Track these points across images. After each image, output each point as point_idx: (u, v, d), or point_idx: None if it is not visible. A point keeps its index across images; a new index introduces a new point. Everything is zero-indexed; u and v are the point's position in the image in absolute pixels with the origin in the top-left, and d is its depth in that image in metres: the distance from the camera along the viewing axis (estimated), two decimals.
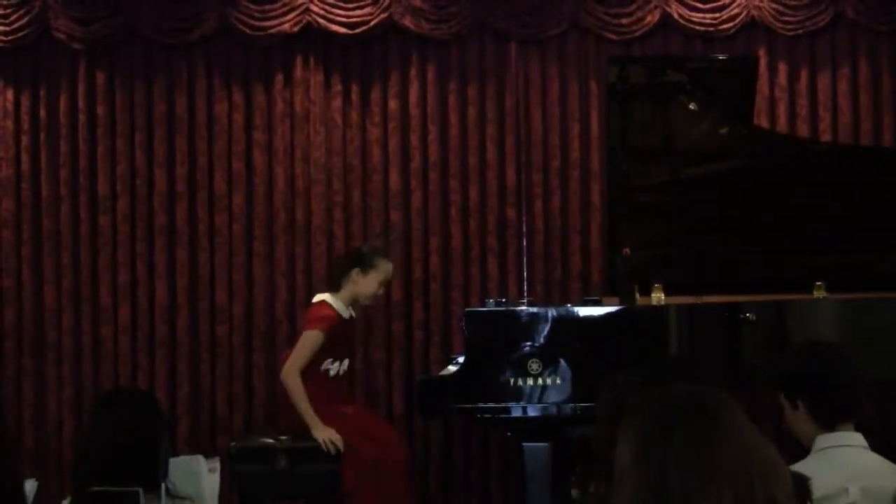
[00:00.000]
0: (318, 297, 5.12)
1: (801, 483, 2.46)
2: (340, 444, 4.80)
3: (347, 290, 5.04)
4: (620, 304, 4.90)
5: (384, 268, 5.07)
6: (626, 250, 5.04)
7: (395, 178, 5.93)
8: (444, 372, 5.25)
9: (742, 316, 4.83)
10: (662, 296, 4.95)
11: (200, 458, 3.09)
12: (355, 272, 5.01)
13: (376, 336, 5.89)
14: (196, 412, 5.92)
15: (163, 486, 2.73)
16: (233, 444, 5.10)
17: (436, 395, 4.82)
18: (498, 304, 5.01)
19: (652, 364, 4.63)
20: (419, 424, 5.85)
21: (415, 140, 5.92)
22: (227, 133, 5.95)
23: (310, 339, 4.92)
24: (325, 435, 4.80)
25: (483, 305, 5.12)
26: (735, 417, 1.79)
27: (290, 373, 4.87)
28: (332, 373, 4.97)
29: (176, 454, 4.23)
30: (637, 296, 4.96)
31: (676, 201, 5.41)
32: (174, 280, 5.95)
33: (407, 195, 5.95)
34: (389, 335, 5.91)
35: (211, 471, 3.07)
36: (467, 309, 5.12)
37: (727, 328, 4.92)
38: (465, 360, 4.80)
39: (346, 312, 5.04)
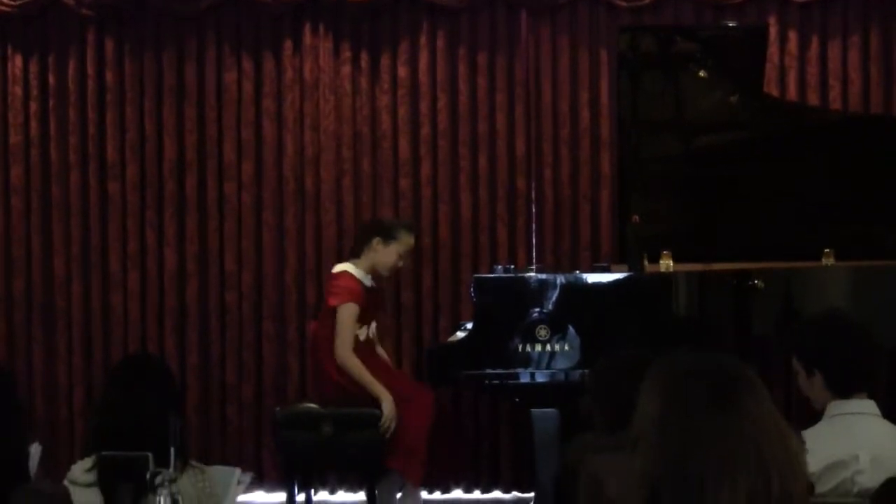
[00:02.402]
0: (338, 267, 5.10)
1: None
2: (395, 418, 4.82)
3: (367, 259, 5.03)
4: (629, 272, 4.90)
5: (406, 240, 5.06)
6: (636, 217, 5.04)
7: (404, 146, 5.92)
8: (452, 338, 5.25)
9: (750, 283, 4.83)
10: (671, 263, 4.95)
11: (237, 471, 3.13)
12: (376, 241, 5.01)
13: (385, 306, 5.84)
14: (205, 381, 5.93)
15: (172, 451, 2.72)
16: (278, 408, 5.11)
17: (444, 362, 4.83)
18: (507, 270, 5.00)
19: (658, 332, 4.65)
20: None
21: (424, 108, 5.90)
22: (236, 102, 5.94)
23: (347, 314, 4.91)
24: (390, 408, 4.78)
25: (492, 272, 5.09)
26: (761, 407, 1.77)
27: (344, 353, 4.86)
28: (361, 337, 4.97)
29: (186, 423, 4.24)
30: (646, 263, 4.96)
31: (687, 171, 5.41)
32: (183, 248, 5.95)
33: (416, 163, 5.93)
34: (399, 305, 5.90)
35: (240, 482, 3.12)
36: (476, 275, 5.12)
37: (736, 296, 4.92)
38: (473, 327, 4.83)
39: (367, 280, 5.03)
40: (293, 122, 5.92)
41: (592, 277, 4.85)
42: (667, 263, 4.96)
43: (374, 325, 5.08)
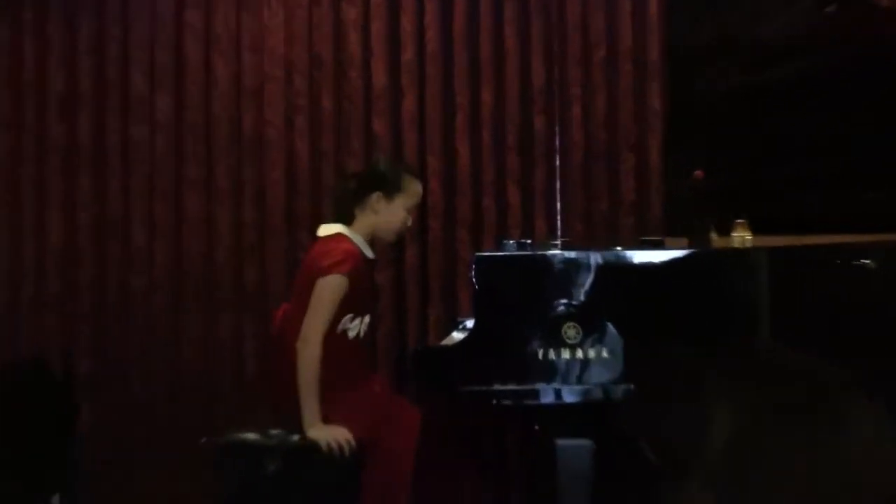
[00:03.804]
0: (328, 229, 4.96)
1: None
2: (349, 445, 4.65)
3: (365, 222, 4.90)
4: (690, 247, 4.86)
5: (414, 189, 4.96)
6: (699, 172, 4.98)
7: (379, 74, 5.86)
8: (447, 341, 5.17)
9: (859, 263, 4.71)
10: (749, 235, 4.91)
11: None
12: (376, 197, 4.87)
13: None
14: (106, 395, 5.88)
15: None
16: (204, 438, 5.02)
17: (436, 371, 4.68)
18: (521, 246, 4.88)
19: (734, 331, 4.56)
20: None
21: (407, 24, 5.84)
22: (147, 13, 5.90)
23: (331, 287, 4.71)
24: (325, 435, 4.63)
25: (500, 249, 4.97)
26: (871, 428, 1.80)
27: (310, 338, 4.68)
28: (351, 333, 4.82)
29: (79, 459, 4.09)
30: (713, 235, 4.92)
31: (763, 109, 5.33)
32: (73, 215, 5.90)
33: (395, 98, 5.86)
34: (372, 289, 5.75)
35: None
36: (478, 253, 4.89)
37: (838, 280, 4.75)
38: (475, 325, 4.67)
39: (367, 250, 4.92)
40: (227, 41, 5.88)
41: (639, 256, 4.69)
42: (743, 236, 4.89)
43: (368, 318, 4.92)
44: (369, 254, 4.94)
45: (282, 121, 5.90)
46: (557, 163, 5.85)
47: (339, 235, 4.90)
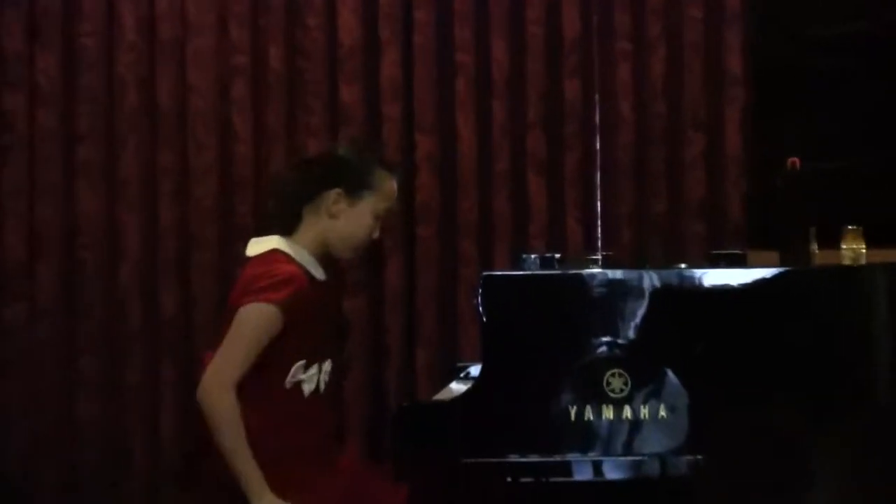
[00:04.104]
0: (260, 244, 4.74)
1: None
2: None
3: (316, 229, 4.72)
4: (782, 265, 4.87)
5: (387, 188, 4.75)
6: (794, 160, 5.08)
7: (348, 22, 5.99)
8: (443, 394, 5.19)
9: None
10: (863, 247, 4.94)
11: None
12: (334, 196, 4.73)
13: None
14: None
15: None
16: None
17: (428, 436, 4.70)
18: (546, 262, 4.89)
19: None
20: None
21: None
22: None
23: (253, 319, 4.53)
24: None
25: (518, 266, 5.00)
26: None
27: (215, 388, 4.50)
28: (307, 387, 4.64)
29: None
30: (814, 247, 4.97)
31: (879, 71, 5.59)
32: None
33: (371, 55, 5.98)
34: (333, 324, 5.29)
35: None
36: (486, 272, 4.89)
37: None
38: (482, 372, 4.68)
39: (316, 270, 4.72)
40: None
41: (712, 277, 4.70)
42: (855, 248, 4.94)
43: (328, 364, 4.78)
44: (319, 275, 4.70)
45: (212, 87, 5.96)
46: (598, 146, 5.94)
47: (273, 253, 4.69)
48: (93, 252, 5.96)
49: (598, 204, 5.91)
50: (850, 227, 4.93)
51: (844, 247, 4.89)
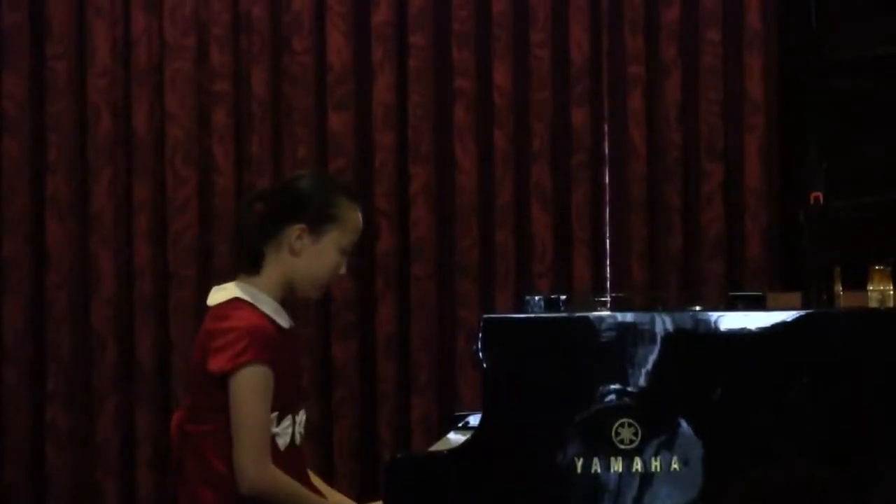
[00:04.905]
0: (221, 293, 4.77)
1: None
2: None
3: (280, 269, 4.73)
4: (805, 307, 4.81)
5: (352, 221, 4.76)
6: (818, 195, 5.06)
7: (338, 44, 6.09)
8: (439, 445, 5.11)
9: None
10: (891, 288, 4.91)
11: None
12: (297, 231, 4.70)
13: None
14: None
15: None
16: None
17: (422, 491, 4.56)
18: (551, 304, 4.84)
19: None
20: None
21: None
22: None
23: (252, 385, 4.58)
24: None
25: (521, 308, 5.06)
26: None
27: (257, 473, 4.57)
28: (282, 441, 4.67)
29: None
30: (839, 288, 4.94)
31: None
32: None
33: (363, 79, 6.06)
34: (325, 368, 6.04)
35: None
36: (487, 315, 4.62)
37: None
38: (481, 422, 4.55)
39: (281, 317, 4.75)
40: None
41: (730, 320, 4.50)
42: (883, 290, 4.88)
43: (302, 415, 4.82)
44: (285, 322, 4.75)
45: (191, 114, 6.04)
46: (607, 179, 6.03)
47: (234, 302, 4.72)
48: (63, 291, 6.06)
49: (608, 241, 6.04)
50: (877, 266, 4.88)
51: (871, 287, 4.83)
